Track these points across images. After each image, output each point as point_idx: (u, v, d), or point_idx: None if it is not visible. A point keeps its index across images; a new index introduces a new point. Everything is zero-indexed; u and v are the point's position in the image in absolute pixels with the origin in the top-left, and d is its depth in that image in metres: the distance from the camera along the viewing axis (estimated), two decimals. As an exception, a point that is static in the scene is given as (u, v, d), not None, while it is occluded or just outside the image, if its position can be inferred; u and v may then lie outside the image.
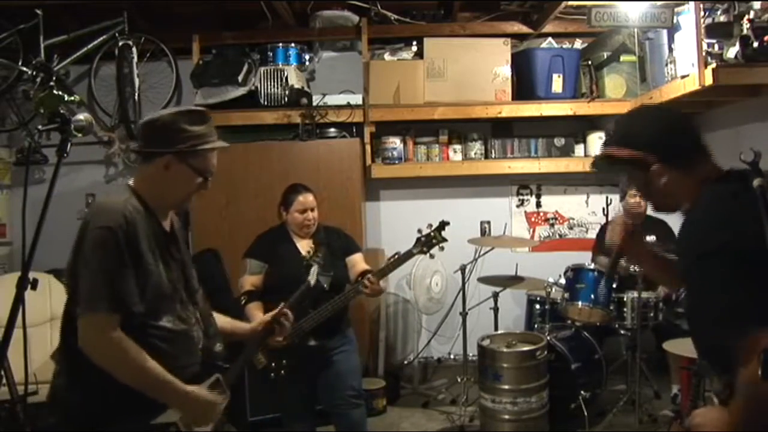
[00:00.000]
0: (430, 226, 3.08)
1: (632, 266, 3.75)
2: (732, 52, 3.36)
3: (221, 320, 2.17)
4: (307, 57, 5.00)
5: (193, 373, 1.87)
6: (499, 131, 5.16)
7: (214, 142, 1.90)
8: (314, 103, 4.76)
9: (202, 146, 1.86)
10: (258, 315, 2.97)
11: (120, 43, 4.80)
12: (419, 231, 3.07)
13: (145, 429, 1.75)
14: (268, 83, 4.73)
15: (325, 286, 2.96)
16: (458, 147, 5.00)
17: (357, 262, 3.19)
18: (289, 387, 3.05)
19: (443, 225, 3.07)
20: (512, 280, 4.25)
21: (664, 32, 4.07)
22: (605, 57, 4.83)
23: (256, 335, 2.25)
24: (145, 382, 1.72)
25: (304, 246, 3.14)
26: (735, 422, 1.39)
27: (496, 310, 4.24)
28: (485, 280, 4.31)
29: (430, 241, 3.04)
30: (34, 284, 1.82)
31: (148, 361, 1.71)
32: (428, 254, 3.09)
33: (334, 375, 3.06)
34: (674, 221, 4.85)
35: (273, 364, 2.98)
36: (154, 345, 1.77)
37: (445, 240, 3.06)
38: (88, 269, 1.69)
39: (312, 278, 2.62)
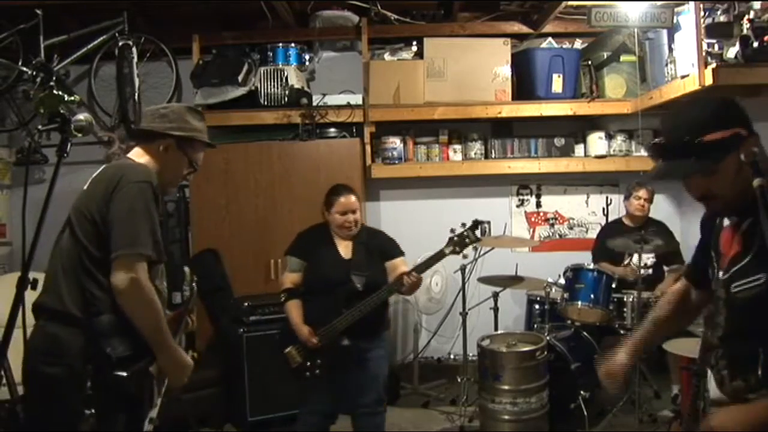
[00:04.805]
0: (464, 225, 3.03)
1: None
2: (732, 52, 3.36)
3: None
4: (307, 57, 4.99)
5: None
6: (499, 131, 5.16)
7: (207, 139, 2.21)
8: (314, 103, 4.76)
9: (200, 138, 2.15)
10: (295, 312, 3.02)
11: (120, 43, 4.78)
12: (452, 230, 3.01)
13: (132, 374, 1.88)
14: (268, 83, 4.73)
15: (359, 286, 2.96)
16: (458, 147, 5.00)
17: (398, 266, 3.12)
18: (318, 385, 3.02)
19: (477, 224, 3.01)
20: (512, 280, 4.24)
21: (664, 32, 4.07)
22: (605, 57, 4.83)
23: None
24: (158, 329, 1.91)
25: (343, 247, 3.12)
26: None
27: (496, 310, 4.24)
28: (485, 280, 4.31)
29: (463, 240, 2.99)
30: (34, 284, 1.82)
31: (161, 312, 1.92)
32: (461, 254, 3.05)
33: (365, 377, 3.03)
34: (672, 222, 4.85)
35: (308, 363, 2.97)
36: None
37: (478, 239, 3.02)
38: (133, 216, 1.86)
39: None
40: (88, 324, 1.86)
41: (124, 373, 1.83)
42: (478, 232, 3.01)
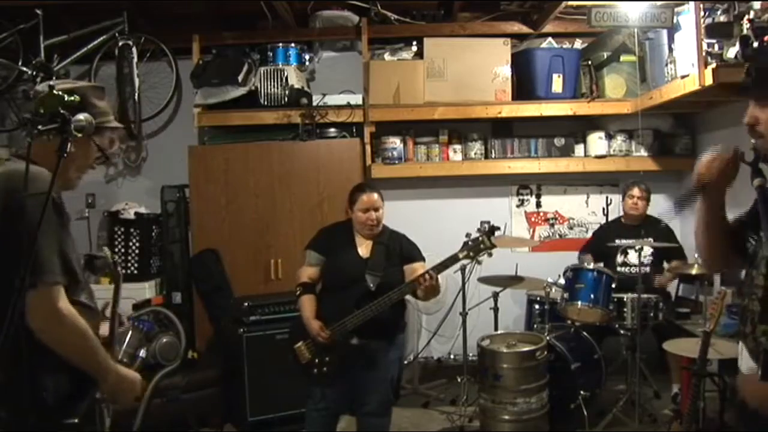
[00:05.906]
0: (480, 229, 2.91)
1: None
2: (732, 52, 3.36)
3: None
4: (307, 57, 4.99)
5: None
6: (499, 131, 5.16)
7: (114, 120, 1.91)
8: (314, 103, 4.76)
9: (109, 124, 1.87)
10: (308, 307, 2.99)
11: (120, 43, 4.80)
12: (467, 235, 2.91)
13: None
14: (268, 83, 4.73)
15: (372, 286, 2.94)
16: (458, 147, 5.00)
17: (416, 270, 3.05)
18: (327, 382, 3.00)
19: (493, 230, 2.88)
20: (512, 280, 4.24)
21: (664, 32, 4.07)
22: (605, 57, 4.83)
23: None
24: (93, 356, 1.68)
25: (363, 247, 3.10)
26: None
27: (496, 310, 4.24)
28: (485, 280, 4.31)
29: (477, 246, 2.87)
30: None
31: (93, 335, 1.68)
32: (475, 260, 2.94)
33: (374, 378, 3.00)
34: (672, 222, 4.84)
35: (316, 360, 2.96)
36: None
37: (494, 246, 2.86)
38: (35, 239, 1.54)
39: None
40: (4, 369, 1.55)
41: (75, 420, 1.63)
42: (493, 238, 2.86)
